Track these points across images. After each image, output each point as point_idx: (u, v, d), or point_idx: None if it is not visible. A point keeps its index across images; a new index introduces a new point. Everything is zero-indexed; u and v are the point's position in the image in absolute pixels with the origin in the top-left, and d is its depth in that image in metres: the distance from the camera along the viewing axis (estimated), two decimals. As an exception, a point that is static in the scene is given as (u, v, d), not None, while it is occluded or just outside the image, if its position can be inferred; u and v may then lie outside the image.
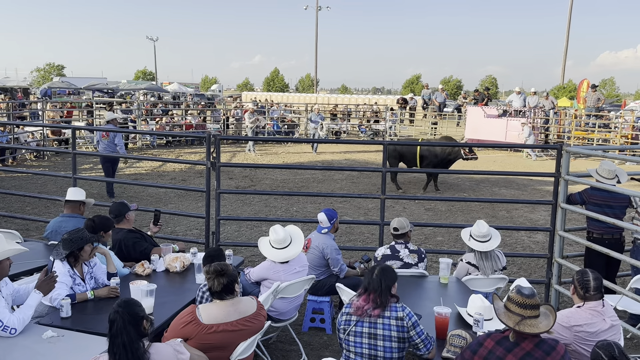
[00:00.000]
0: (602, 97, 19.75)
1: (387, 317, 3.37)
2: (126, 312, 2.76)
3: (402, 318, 3.36)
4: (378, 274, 3.43)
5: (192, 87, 54.60)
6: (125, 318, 2.74)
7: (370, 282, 3.42)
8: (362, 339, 3.41)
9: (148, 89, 30.72)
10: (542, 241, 8.21)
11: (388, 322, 3.36)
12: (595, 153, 6.28)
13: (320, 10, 58.54)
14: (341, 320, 3.51)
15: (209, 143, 5.90)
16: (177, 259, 4.76)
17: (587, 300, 3.52)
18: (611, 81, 68.51)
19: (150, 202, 10.36)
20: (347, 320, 3.47)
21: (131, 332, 2.74)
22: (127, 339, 2.71)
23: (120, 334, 2.71)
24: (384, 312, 3.37)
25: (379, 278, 3.41)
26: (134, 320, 2.77)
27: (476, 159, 12.37)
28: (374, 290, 3.39)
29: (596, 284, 3.52)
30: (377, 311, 3.36)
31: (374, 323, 3.38)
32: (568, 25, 40.97)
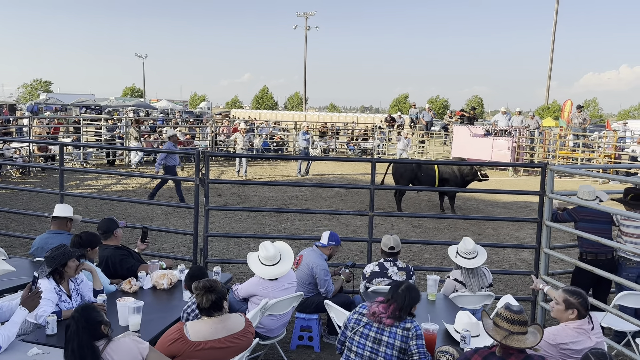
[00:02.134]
0: (588, 117, 20.10)
1: (396, 327, 3.49)
2: (82, 318, 2.76)
3: (409, 329, 3.49)
4: (405, 290, 3.57)
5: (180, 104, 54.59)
6: (80, 323, 2.74)
7: (395, 295, 3.55)
8: (366, 341, 3.51)
9: (136, 105, 30.71)
10: (528, 259, 8.29)
11: (395, 332, 3.48)
12: (579, 172, 6.40)
13: (309, 30, 59.24)
14: (352, 317, 3.64)
15: (198, 159, 5.91)
16: (165, 276, 4.73)
17: (581, 319, 3.58)
18: (594, 102, 69.85)
19: (138, 219, 10.29)
20: (357, 320, 3.61)
21: (83, 337, 2.74)
22: (77, 345, 2.71)
23: (72, 339, 2.73)
24: (395, 323, 3.49)
25: (404, 294, 3.54)
26: (89, 325, 2.77)
27: (487, 180, 12.15)
28: (396, 303, 3.52)
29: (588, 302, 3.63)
30: (390, 321, 3.49)
31: (382, 330, 3.51)
32: (552, 47, 41.82)
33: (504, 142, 18.28)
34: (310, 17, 59.10)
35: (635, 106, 72.22)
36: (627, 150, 20.06)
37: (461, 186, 11.83)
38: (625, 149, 20.26)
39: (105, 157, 18.61)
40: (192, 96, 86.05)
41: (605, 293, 5.64)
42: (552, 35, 41.53)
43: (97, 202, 11.47)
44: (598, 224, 5.41)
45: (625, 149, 20.26)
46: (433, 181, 11.75)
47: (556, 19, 41.19)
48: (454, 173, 11.86)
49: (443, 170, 11.81)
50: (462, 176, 11.90)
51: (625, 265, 5.47)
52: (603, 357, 2.89)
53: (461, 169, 11.84)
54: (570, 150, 19.57)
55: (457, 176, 11.87)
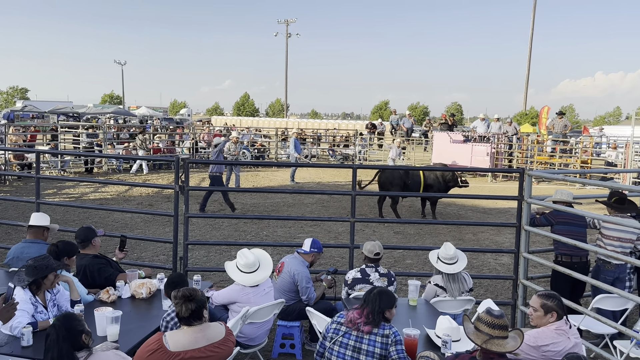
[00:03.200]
0: (569, 123, 20.43)
1: (375, 334, 3.49)
2: (62, 327, 2.72)
3: (388, 335, 3.49)
4: (377, 294, 3.60)
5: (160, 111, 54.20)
6: (61, 333, 2.70)
7: (367, 299, 3.58)
8: (346, 350, 3.50)
9: (115, 113, 30.40)
10: (507, 263, 8.37)
11: (374, 339, 3.48)
12: (556, 177, 6.50)
13: (290, 37, 59.39)
14: (330, 327, 3.63)
15: (178, 166, 5.86)
16: (143, 285, 4.67)
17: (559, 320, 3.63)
18: (571, 108, 71.24)
19: (116, 227, 10.15)
20: (336, 329, 3.59)
21: (63, 347, 2.69)
22: (56, 354, 2.66)
23: (51, 348, 2.68)
24: (374, 330, 3.49)
25: (376, 298, 3.57)
26: (70, 335, 2.72)
27: (467, 186, 12.29)
28: (369, 307, 3.54)
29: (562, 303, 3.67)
30: (368, 327, 3.49)
31: (361, 338, 3.50)
32: (529, 54, 42.62)
33: (483, 148, 18.52)
34: (291, 24, 59.30)
35: (611, 112, 73.90)
36: (602, 155, 20.50)
37: (444, 192, 11.91)
38: (601, 154, 20.70)
39: (83, 165, 18.35)
40: (172, 103, 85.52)
41: (580, 295, 5.73)
42: (529, 43, 42.35)
43: (74, 211, 11.29)
44: (574, 227, 5.51)
45: (601, 154, 20.70)
46: (419, 187, 11.85)
47: (533, 27, 42.03)
48: (437, 179, 11.96)
49: (427, 175, 11.92)
50: (445, 182, 12.01)
51: (604, 268, 5.56)
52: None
53: (444, 175, 11.94)
54: (548, 155, 19.89)
55: (440, 182, 11.98)
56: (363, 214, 12.20)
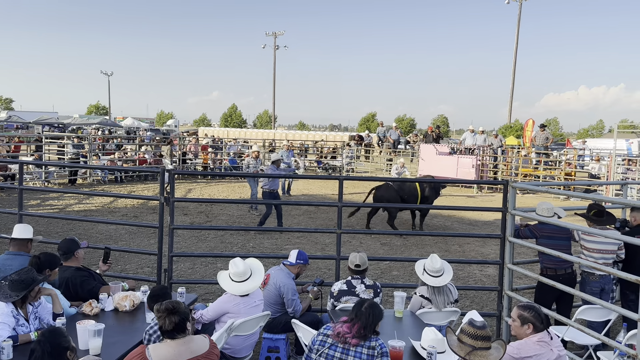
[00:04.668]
0: (550, 136, 20.74)
1: (362, 346, 3.47)
2: (47, 343, 2.67)
3: (374, 347, 3.48)
4: (368, 308, 3.55)
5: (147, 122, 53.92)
6: (46, 349, 2.65)
7: (359, 314, 3.53)
8: None
9: (101, 123, 30.22)
10: (493, 274, 8.42)
11: (360, 351, 3.46)
12: (539, 189, 6.56)
13: (278, 49, 59.63)
14: (316, 339, 3.60)
15: (163, 177, 5.83)
16: (127, 297, 4.62)
17: (540, 332, 3.65)
18: (555, 121, 72.15)
19: (100, 239, 10.04)
20: (322, 341, 3.56)
21: None
22: None
23: None
24: (361, 342, 3.47)
25: (368, 312, 3.52)
26: (55, 351, 2.68)
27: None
28: (360, 322, 3.49)
29: (544, 314, 3.68)
30: (355, 341, 3.46)
31: (347, 350, 3.47)
32: (514, 68, 43.18)
33: (468, 160, 18.68)
34: (279, 36, 59.56)
35: (594, 125, 75.01)
36: (586, 167, 20.77)
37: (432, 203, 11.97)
38: (585, 166, 20.97)
39: (68, 176, 18.16)
40: (159, 114, 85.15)
41: (568, 307, 5.76)
42: (514, 57, 42.94)
43: (58, 222, 11.16)
44: (558, 240, 5.55)
45: (585, 166, 20.97)
46: (416, 200, 11.84)
47: (517, 41, 42.65)
48: (432, 191, 11.99)
49: (424, 188, 11.89)
50: (437, 193, 12.10)
51: (589, 280, 5.63)
52: None
53: (436, 187, 12.02)
54: (532, 168, 20.11)
55: (435, 193, 12.05)
56: (350, 225, 12.20)
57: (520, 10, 41.92)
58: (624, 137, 29.29)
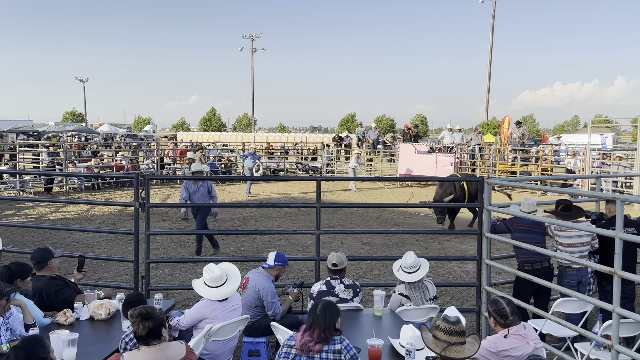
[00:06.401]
0: (526, 132, 21.05)
1: (326, 352, 3.39)
2: (23, 351, 2.59)
3: (340, 351, 3.39)
4: (322, 309, 3.47)
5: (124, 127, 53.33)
6: (20, 357, 2.57)
7: (315, 318, 3.45)
8: None
9: (77, 130, 29.78)
10: (472, 270, 8.49)
11: (325, 357, 3.38)
12: (514, 184, 6.66)
13: (255, 52, 59.47)
14: (281, 352, 3.52)
15: (137, 183, 5.75)
16: (102, 305, 4.54)
17: (509, 326, 3.67)
18: (531, 118, 73.24)
19: (77, 247, 9.88)
20: (287, 353, 3.48)
21: None
22: None
23: None
24: (324, 347, 3.39)
25: (323, 313, 3.45)
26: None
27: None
28: (319, 326, 3.41)
29: (511, 309, 3.70)
30: (318, 346, 3.38)
31: (312, 358, 3.39)
32: (489, 66, 43.73)
33: (446, 159, 18.84)
34: (256, 39, 59.43)
35: (569, 121, 76.33)
36: (562, 162, 21.13)
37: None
38: (561, 161, 21.32)
39: (43, 185, 17.83)
40: (137, 119, 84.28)
41: (545, 301, 5.84)
42: (489, 55, 43.48)
43: (34, 232, 10.95)
44: (532, 234, 5.63)
45: (561, 161, 21.32)
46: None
47: (492, 39, 43.20)
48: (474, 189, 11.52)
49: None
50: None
51: (566, 273, 5.71)
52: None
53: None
54: (509, 164, 20.38)
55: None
56: (331, 225, 12.21)
57: (495, 9, 42.51)
58: (599, 132, 29.89)
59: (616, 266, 3.98)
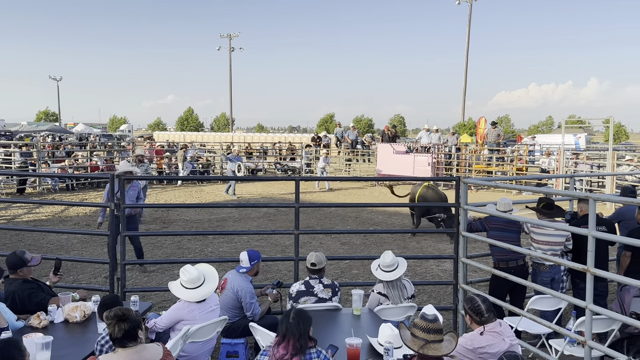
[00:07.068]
0: (502, 132, 21.38)
1: None
2: None
3: None
4: (295, 318, 3.37)
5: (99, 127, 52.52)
6: None
7: (289, 327, 3.34)
8: None
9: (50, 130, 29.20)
10: (449, 269, 8.58)
11: None
12: (490, 184, 6.75)
13: (233, 51, 59.16)
14: None
15: (113, 183, 5.67)
16: (77, 308, 4.46)
17: (485, 324, 3.73)
18: (507, 118, 74.26)
19: (51, 249, 9.69)
20: None
21: None
22: None
23: None
24: (301, 357, 3.30)
25: (296, 322, 3.35)
26: None
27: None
28: (293, 335, 3.31)
29: (487, 306, 3.75)
30: (295, 358, 3.30)
31: None
32: (466, 68, 44.30)
33: (424, 159, 19.02)
34: (234, 38, 59.10)
35: (544, 121, 77.67)
36: (537, 162, 21.50)
37: None
38: (535, 161, 21.70)
39: (16, 185, 17.43)
40: (112, 119, 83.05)
41: (521, 298, 5.93)
42: (466, 57, 44.05)
43: (7, 234, 10.69)
44: (507, 233, 5.73)
45: (535, 161, 21.70)
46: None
47: (468, 41, 43.78)
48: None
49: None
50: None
51: (539, 270, 5.81)
52: (515, 359, 3.03)
53: None
54: (485, 164, 20.66)
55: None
56: (310, 226, 12.21)
57: (471, 11, 43.09)
58: (572, 132, 30.49)
59: (589, 264, 4.07)
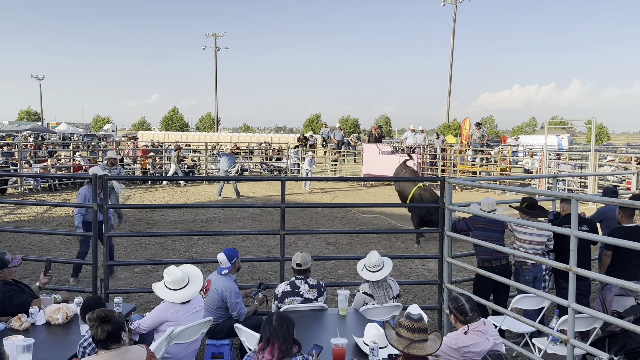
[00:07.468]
0: (486, 133, 21.57)
1: None
2: None
3: None
4: (278, 320, 3.34)
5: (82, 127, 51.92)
6: None
7: (273, 331, 3.29)
8: None
9: (33, 130, 28.81)
10: (434, 269, 8.63)
11: None
12: (474, 184, 6.82)
13: (219, 50, 58.87)
14: None
15: (95, 184, 5.60)
16: (59, 309, 4.41)
17: (469, 323, 3.76)
18: (491, 119, 74.88)
19: (33, 250, 9.56)
20: None
21: None
22: None
23: None
24: None
25: (280, 324, 3.32)
26: None
27: None
28: (278, 338, 3.28)
29: (470, 305, 3.79)
30: None
31: None
32: (450, 69, 44.61)
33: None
34: (219, 37, 58.81)
35: (527, 122, 78.49)
36: (520, 163, 21.74)
37: None
38: (519, 162, 21.94)
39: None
40: (95, 118, 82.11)
41: (504, 297, 5.99)
42: (451, 58, 44.36)
43: (-14, 235, 10.52)
44: (491, 232, 5.78)
45: (519, 162, 21.94)
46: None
47: (453, 42, 44.09)
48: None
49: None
50: None
51: (522, 269, 5.86)
52: (499, 358, 3.06)
53: None
54: (470, 164, 20.83)
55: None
56: (296, 226, 12.19)
57: (456, 13, 43.41)
58: (555, 133, 30.87)
59: (571, 263, 4.12)
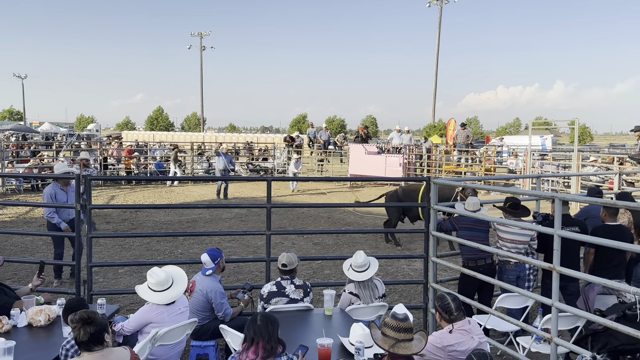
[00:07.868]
0: (471, 134, 21.76)
1: None
2: None
3: None
4: (263, 320, 3.33)
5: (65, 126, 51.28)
6: None
7: (257, 330, 3.29)
8: None
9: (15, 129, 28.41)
10: (420, 268, 8.67)
11: None
12: (459, 184, 6.86)
13: (204, 50, 58.55)
14: None
15: (79, 184, 5.53)
16: (42, 311, 4.35)
17: (454, 322, 3.78)
18: (475, 120, 75.52)
19: (15, 251, 9.41)
20: None
21: None
22: None
23: None
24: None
25: (264, 324, 3.32)
26: None
27: None
28: (262, 338, 3.27)
29: (456, 304, 3.81)
30: None
31: None
32: (436, 70, 44.87)
33: (396, 159, 19.18)
34: (205, 37, 58.48)
35: (511, 123, 79.28)
36: (505, 163, 21.95)
37: None
38: (503, 162, 22.15)
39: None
40: (79, 118, 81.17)
41: (489, 296, 6.03)
42: (436, 59, 44.63)
43: (-34, 236, 10.34)
44: (476, 232, 5.82)
45: (503, 162, 22.15)
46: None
47: (439, 44, 44.37)
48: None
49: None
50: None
51: (505, 269, 5.91)
52: (484, 357, 3.08)
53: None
54: (455, 165, 20.98)
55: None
56: (283, 226, 12.17)
57: (441, 14, 43.68)
58: (539, 134, 31.20)
59: (555, 262, 4.16)
